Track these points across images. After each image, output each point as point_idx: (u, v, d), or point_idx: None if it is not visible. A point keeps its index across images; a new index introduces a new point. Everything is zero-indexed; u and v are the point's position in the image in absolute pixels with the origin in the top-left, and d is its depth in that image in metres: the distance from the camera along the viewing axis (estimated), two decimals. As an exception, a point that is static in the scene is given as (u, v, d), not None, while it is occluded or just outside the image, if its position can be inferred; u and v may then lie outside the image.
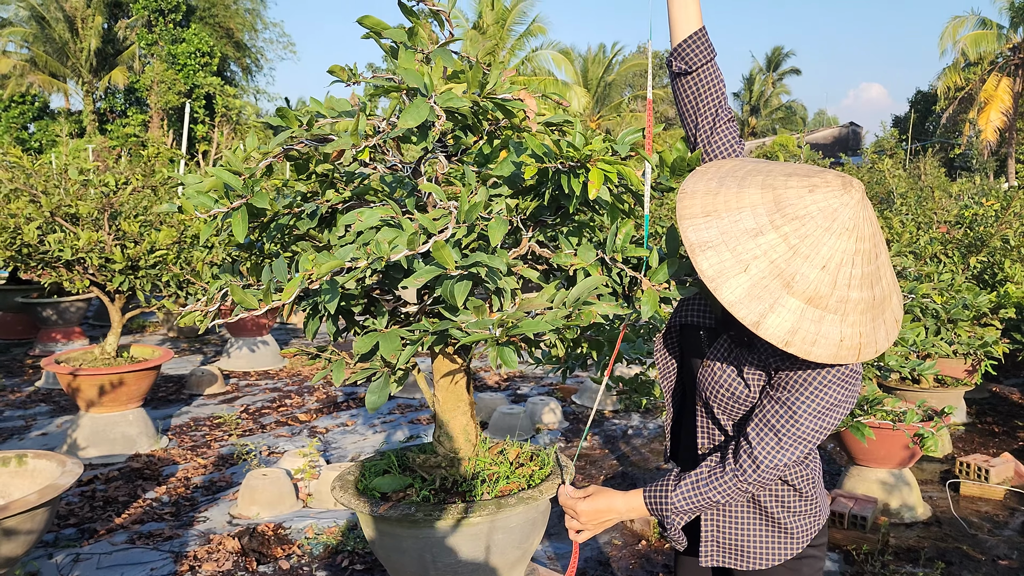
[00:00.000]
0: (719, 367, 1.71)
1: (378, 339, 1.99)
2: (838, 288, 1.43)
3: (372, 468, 2.34)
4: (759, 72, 52.75)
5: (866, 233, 1.46)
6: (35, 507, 3.43)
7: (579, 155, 1.86)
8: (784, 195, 1.46)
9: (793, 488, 1.75)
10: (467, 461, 2.23)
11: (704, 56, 1.83)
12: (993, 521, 4.62)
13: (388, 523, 2.06)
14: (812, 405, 1.57)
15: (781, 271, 1.43)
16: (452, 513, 2.02)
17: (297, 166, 2.29)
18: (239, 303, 1.82)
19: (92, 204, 5.30)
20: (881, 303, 1.50)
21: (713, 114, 1.86)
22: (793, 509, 1.77)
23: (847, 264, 1.44)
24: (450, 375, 2.23)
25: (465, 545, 2.04)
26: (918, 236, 6.57)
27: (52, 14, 31.90)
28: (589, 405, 6.90)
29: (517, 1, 30.86)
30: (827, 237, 1.43)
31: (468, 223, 1.78)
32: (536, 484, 2.18)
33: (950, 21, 32.25)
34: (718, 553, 1.82)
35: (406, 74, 1.81)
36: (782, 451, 1.59)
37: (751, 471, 1.61)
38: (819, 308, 1.42)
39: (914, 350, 3.46)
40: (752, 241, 1.44)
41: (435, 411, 2.27)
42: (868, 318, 1.46)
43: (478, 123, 2.03)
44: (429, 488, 2.17)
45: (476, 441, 2.27)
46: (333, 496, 2.17)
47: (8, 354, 8.98)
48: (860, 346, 1.46)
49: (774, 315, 1.42)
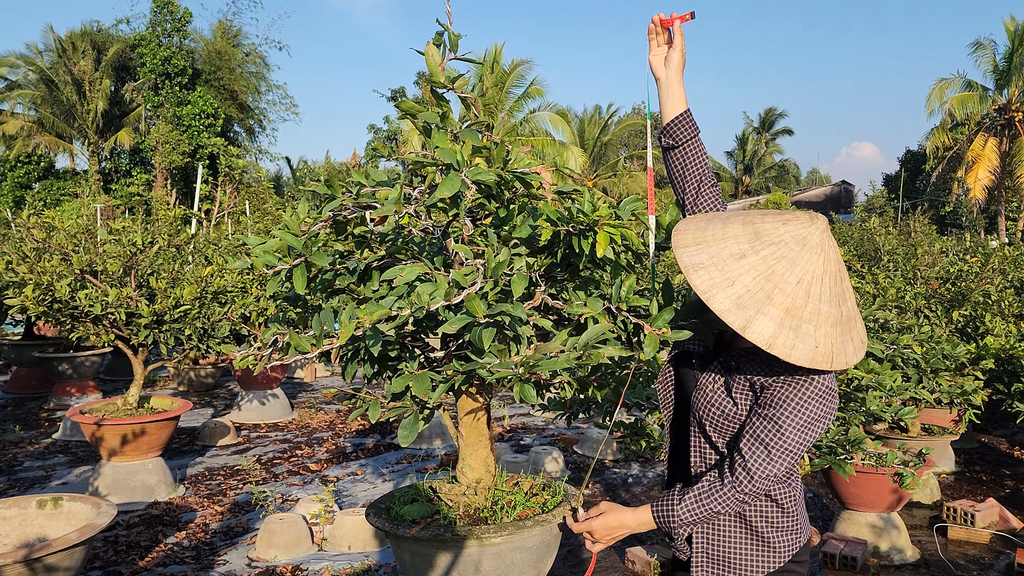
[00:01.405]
0: (711, 388, 2.00)
1: (410, 380, 2.28)
2: (811, 300, 1.74)
3: (401, 498, 2.60)
4: (752, 132, 53.82)
5: (832, 258, 1.79)
6: (75, 544, 3.66)
7: (588, 220, 2.17)
8: (762, 227, 1.80)
9: (776, 504, 2.00)
10: (488, 490, 2.50)
11: (689, 133, 2.24)
12: (979, 563, 4.83)
13: (420, 543, 2.32)
14: (796, 419, 1.84)
15: (762, 286, 1.74)
16: (477, 534, 2.28)
17: (336, 228, 2.61)
18: (294, 346, 2.11)
19: (118, 262, 5.62)
20: (848, 321, 1.80)
21: (698, 180, 2.23)
22: (776, 525, 2.01)
23: (817, 282, 1.75)
24: (473, 412, 2.51)
25: (488, 563, 2.29)
26: (904, 291, 6.89)
27: (61, 77, 32.73)
28: (590, 455, 7.12)
29: (515, 65, 31.75)
30: (801, 257, 1.75)
31: (494, 278, 2.08)
32: (550, 509, 2.45)
33: (937, 83, 33.15)
34: (708, 565, 2.05)
35: (441, 152, 2.14)
36: (771, 462, 1.85)
37: (746, 482, 1.87)
38: (796, 318, 1.72)
39: (892, 394, 3.74)
40: (736, 263, 1.76)
41: (459, 445, 2.54)
42: (838, 332, 1.77)
43: (501, 192, 2.35)
44: (454, 514, 2.43)
45: (495, 472, 2.54)
46: (370, 521, 2.43)
47: (24, 408, 9.21)
48: (832, 354, 1.75)
49: (758, 321, 1.71)
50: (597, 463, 6.94)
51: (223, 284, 5.86)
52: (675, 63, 2.22)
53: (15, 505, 4.20)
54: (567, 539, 5.10)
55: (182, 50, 32.09)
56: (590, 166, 34.49)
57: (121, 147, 33.76)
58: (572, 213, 2.19)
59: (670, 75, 2.23)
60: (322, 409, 9.26)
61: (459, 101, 2.54)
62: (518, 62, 31.96)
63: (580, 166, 30.95)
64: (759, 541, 2.01)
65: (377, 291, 2.41)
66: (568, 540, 5.08)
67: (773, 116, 53.66)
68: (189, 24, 32.38)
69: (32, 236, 5.74)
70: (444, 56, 2.38)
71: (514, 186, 2.37)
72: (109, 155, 34.28)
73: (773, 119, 53.70)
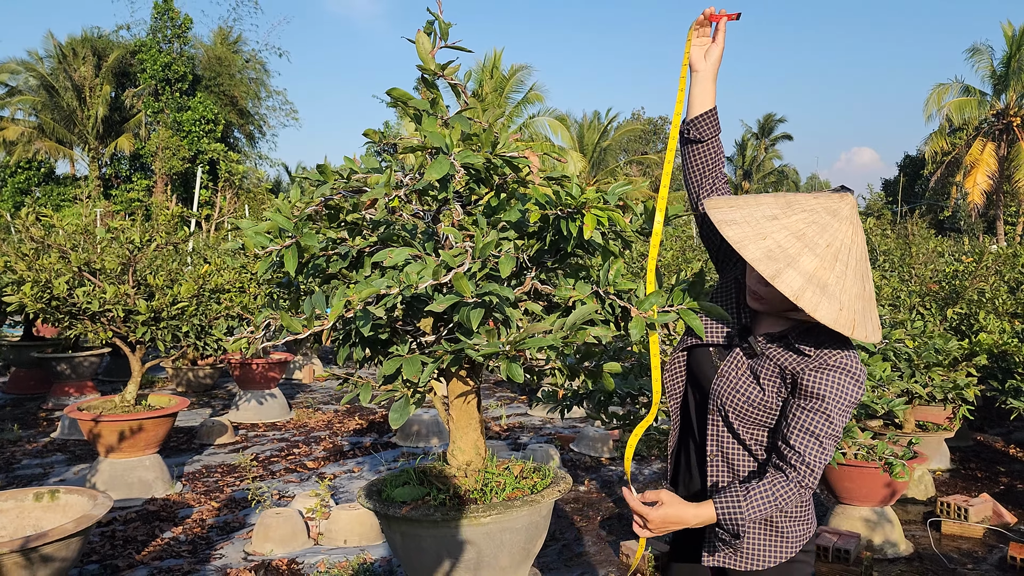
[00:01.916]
0: (735, 375, 2.01)
1: (401, 363, 2.31)
2: (838, 265, 1.80)
3: (393, 481, 2.63)
4: (751, 137, 53.93)
5: (860, 234, 1.86)
6: (71, 535, 3.69)
7: (576, 203, 2.20)
8: (794, 198, 1.89)
9: None
10: (478, 472, 2.53)
11: (714, 130, 2.25)
12: (972, 557, 4.85)
13: (410, 524, 2.35)
14: (839, 405, 1.86)
15: (793, 244, 1.81)
16: (466, 514, 2.31)
17: (329, 215, 2.64)
18: (286, 327, 2.14)
19: (117, 260, 5.65)
20: (869, 300, 1.86)
21: (713, 179, 2.26)
22: (789, 514, 2.02)
23: (845, 251, 1.82)
24: (463, 395, 2.54)
25: (477, 543, 2.32)
26: (900, 290, 6.92)
27: (61, 83, 32.83)
28: (587, 452, 7.15)
29: (515, 70, 31.87)
30: (831, 225, 1.83)
31: (482, 259, 2.11)
32: (539, 491, 2.47)
33: (935, 88, 33.25)
34: (724, 554, 2.04)
35: (431, 136, 2.17)
36: (824, 450, 1.87)
37: (808, 475, 1.87)
38: (823, 278, 1.78)
39: (881, 385, 3.76)
40: (769, 223, 1.84)
41: (449, 428, 2.57)
42: (860, 305, 1.82)
43: (489, 177, 2.39)
44: (445, 495, 2.46)
45: (485, 454, 2.57)
46: (360, 503, 2.45)
47: (23, 408, 9.23)
48: (854, 322, 1.79)
49: (787, 274, 1.78)
50: (593, 461, 6.96)
51: (220, 282, 5.89)
52: (714, 58, 2.24)
53: (12, 498, 4.23)
54: (563, 534, 5.12)
55: (182, 56, 32.19)
56: (590, 171, 34.56)
57: (121, 153, 33.84)
58: (560, 197, 2.23)
59: (707, 69, 2.24)
60: (320, 409, 9.28)
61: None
62: (517, 67, 32.09)
63: (579, 170, 31.01)
64: (771, 530, 2.02)
65: (370, 276, 2.44)
66: (564, 535, 5.11)
67: (772, 122, 53.79)
68: (189, 30, 32.48)
69: (30, 235, 5.78)
70: (435, 44, 2.42)
71: (504, 172, 2.40)
72: (109, 161, 34.38)
73: (772, 125, 53.83)
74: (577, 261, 2.70)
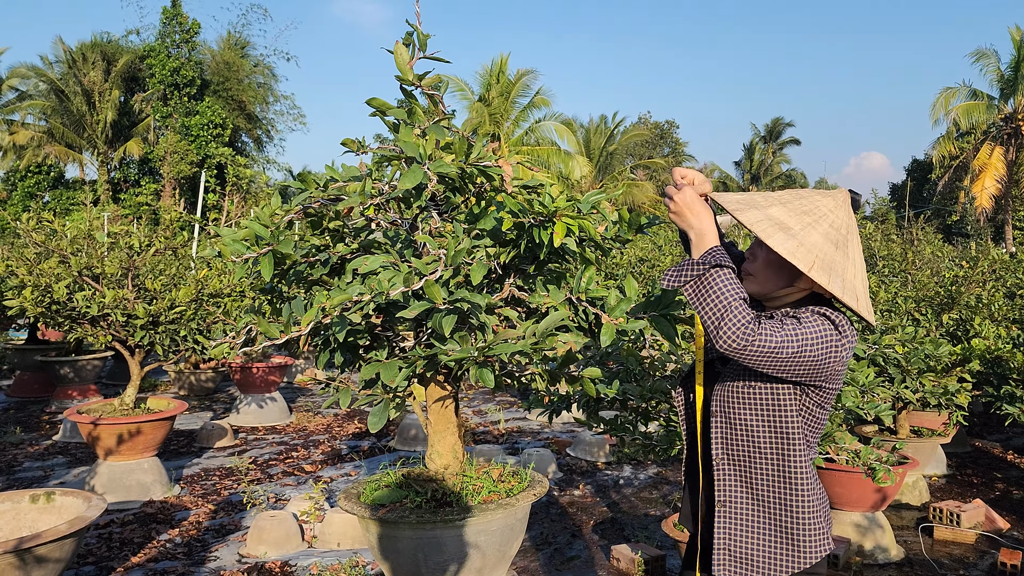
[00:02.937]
0: (737, 370, 2.02)
1: (379, 368, 2.36)
2: (807, 218, 1.95)
3: (372, 484, 2.67)
4: (759, 142, 53.89)
5: (843, 212, 1.98)
6: (65, 536, 3.74)
7: (547, 211, 2.24)
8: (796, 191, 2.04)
9: (804, 499, 1.95)
10: (455, 476, 2.57)
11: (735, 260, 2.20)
12: (963, 563, 4.87)
13: (387, 525, 2.39)
14: (811, 327, 1.86)
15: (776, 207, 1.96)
16: (441, 517, 2.35)
17: (312, 223, 2.69)
18: (263, 332, 2.19)
19: (116, 264, 5.72)
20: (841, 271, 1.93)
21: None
22: (804, 522, 1.95)
23: (819, 213, 1.96)
24: (441, 400, 2.58)
25: (452, 545, 2.36)
26: (899, 295, 6.93)
27: (71, 88, 33.08)
28: (583, 457, 7.18)
29: (521, 75, 31.94)
30: (811, 195, 2.00)
31: (454, 266, 2.16)
32: (515, 494, 2.51)
33: (942, 92, 33.13)
34: (730, 563, 2.00)
35: (405, 145, 2.22)
36: (779, 333, 1.82)
37: (759, 326, 1.81)
38: (787, 223, 1.93)
39: (864, 391, 3.79)
40: (766, 198, 1.98)
41: (428, 432, 2.61)
42: (829, 257, 1.91)
43: (464, 186, 2.43)
44: (422, 498, 2.50)
45: (463, 458, 2.61)
46: (340, 506, 2.50)
47: (25, 411, 9.32)
48: (814, 263, 1.90)
49: (752, 214, 1.93)
50: (589, 465, 6.99)
51: (219, 287, 5.95)
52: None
53: (8, 499, 4.29)
54: (555, 537, 5.15)
55: (191, 61, 32.39)
56: (596, 175, 34.59)
57: (130, 157, 34.05)
58: (533, 205, 2.27)
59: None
60: (320, 413, 9.34)
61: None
62: (523, 72, 32.16)
63: (585, 175, 31.06)
64: (785, 538, 1.96)
65: (351, 283, 2.49)
66: (556, 539, 5.14)
67: (780, 126, 53.72)
68: (198, 35, 32.68)
69: (33, 240, 5.85)
70: (413, 55, 2.46)
71: (479, 180, 2.45)
72: (118, 165, 34.58)
73: (780, 129, 53.76)
74: (556, 268, 2.74)
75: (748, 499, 2.00)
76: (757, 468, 1.99)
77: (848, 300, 1.90)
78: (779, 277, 2.01)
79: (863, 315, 1.95)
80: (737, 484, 2.02)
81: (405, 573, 2.43)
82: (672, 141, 50.43)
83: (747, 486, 2.01)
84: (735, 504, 2.02)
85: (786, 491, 1.95)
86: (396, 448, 7.55)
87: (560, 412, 4.18)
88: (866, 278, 2.02)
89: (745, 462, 2.00)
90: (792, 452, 1.95)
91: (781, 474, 1.96)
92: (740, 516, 2.00)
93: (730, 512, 2.02)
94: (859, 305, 1.93)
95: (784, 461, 1.96)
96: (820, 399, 1.97)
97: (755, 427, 1.98)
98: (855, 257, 1.97)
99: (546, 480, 2.56)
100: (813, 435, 2.01)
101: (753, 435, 1.98)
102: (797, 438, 1.95)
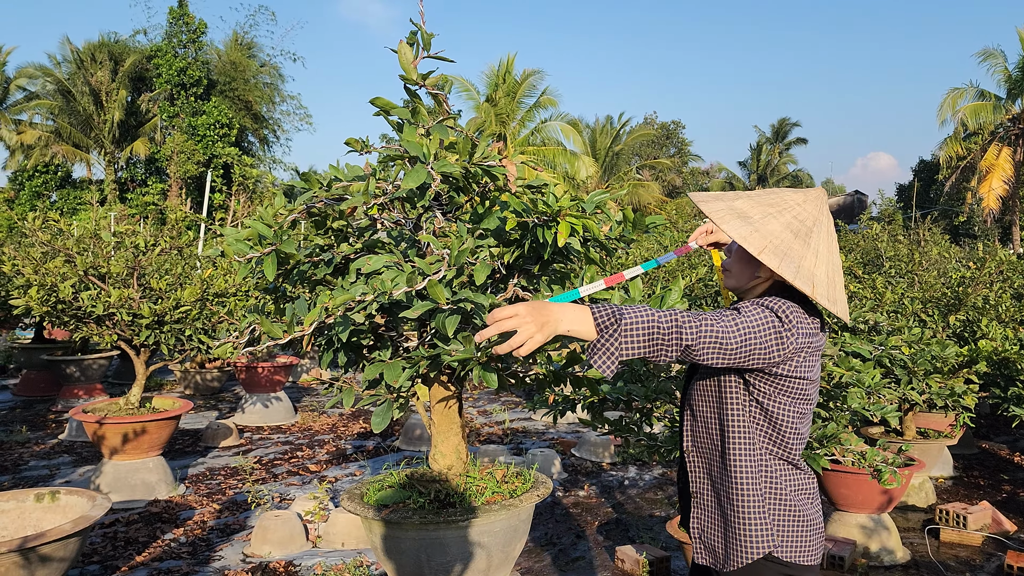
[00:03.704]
0: (706, 371, 2.08)
1: (383, 368, 2.35)
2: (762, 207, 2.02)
3: (376, 485, 2.67)
4: (766, 142, 53.75)
5: (812, 206, 2.04)
6: (69, 535, 3.74)
7: (551, 211, 2.23)
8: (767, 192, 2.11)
9: (741, 496, 1.99)
10: (459, 476, 2.56)
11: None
12: (970, 565, 4.84)
13: (390, 526, 2.38)
14: (751, 313, 1.89)
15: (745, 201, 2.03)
16: (444, 518, 2.34)
17: (316, 223, 2.68)
18: (267, 332, 2.18)
19: (122, 264, 5.73)
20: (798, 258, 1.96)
21: None
22: (739, 520, 1.98)
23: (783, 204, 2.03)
24: (444, 401, 2.57)
25: (455, 546, 2.35)
26: (905, 296, 6.89)
27: (78, 88, 33.17)
28: (588, 457, 7.16)
29: (527, 75, 31.92)
30: (781, 191, 2.08)
31: (458, 266, 2.15)
32: (518, 495, 2.50)
33: (949, 92, 33.00)
34: (704, 552, 2.09)
35: (408, 145, 2.21)
36: (717, 323, 1.82)
37: (695, 321, 1.80)
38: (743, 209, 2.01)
39: (870, 392, 3.77)
40: (737, 194, 2.05)
41: (431, 432, 2.61)
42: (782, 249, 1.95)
43: (468, 185, 2.42)
44: (425, 499, 2.49)
45: (466, 459, 2.60)
46: (343, 506, 2.49)
47: (32, 409, 9.34)
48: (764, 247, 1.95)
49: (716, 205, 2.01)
50: (594, 466, 6.98)
51: (224, 286, 5.95)
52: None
53: (13, 498, 4.30)
54: (560, 538, 5.14)
55: (197, 61, 32.44)
56: (601, 176, 34.56)
57: (137, 157, 34.13)
58: (537, 205, 2.26)
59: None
60: (325, 412, 9.34)
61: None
62: (529, 72, 32.14)
63: (591, 175, 31.03)
64: (730, 532, 2.01)
65: (355, 283, 2.48)
66: (561, 539, 5.13)
67: (787, 126, 53.58)
68: (204, 35, 32.74)
69: (39, 239, 5.86)
70: (417, 55, 2.46)
71: (483, 180, 2.44)
72: (125, 165, 34.67)
73: (787, 129, 53.62)
74: (561, 268, 2.73)
75: (710, 490, 2.09)
76: (712, 459, 2.08)
77: (802, 286, 1.92)
78: (747, 268, 2.09)
79: (822, 303, 1.96)
80: (704, 476, 2.11)
81: (408, 574, 2.42)
82: (678, 141, 50.34)
83: (708, 477, 2.10)
84: (703, 495, 2.11)
85: (728, 482, 2.02)
86: (401, 448, 7.55)
87: (565, 413, 4.18)
88: (836, 271, 2.03)
89: (706, 454, 2.10)
90: (732, 447, 2.00)
91: (723, 465, 2.03)
92: (707, 506, 2.09)
93: (700, 503, 2.11)
94: (815, 292, 1.94)
95: (725, 452, 2.02)
96: (774, 393, 1.96)
97: (709, 420, 2.07)
98: (820, 248, 2.00)
99: (550, 481, 2.55)
100: (773, 430, 2.00)
101: (708, 428, 2.08)
102: (737, 433, 2.00)
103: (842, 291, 2.02)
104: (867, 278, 7.67)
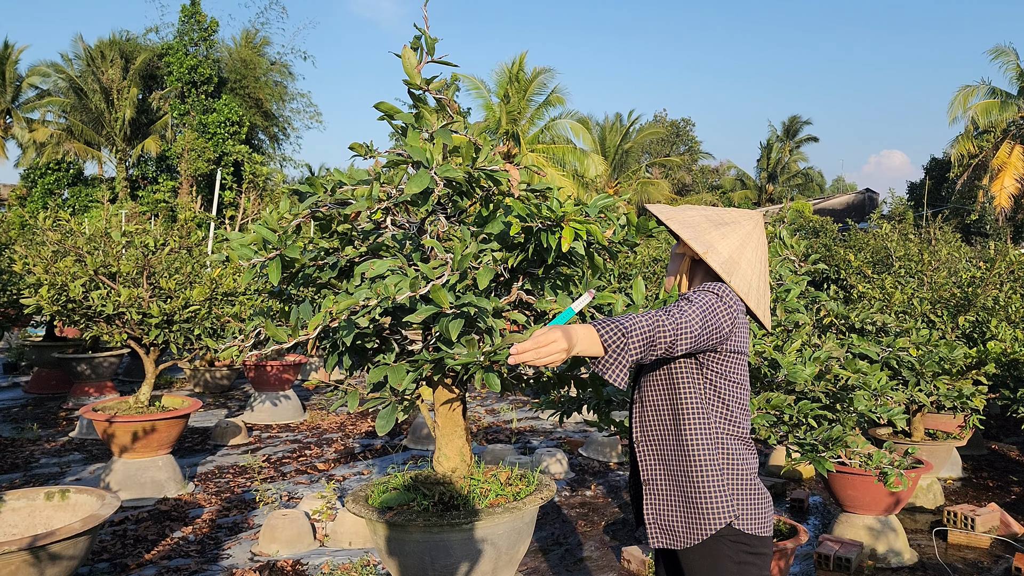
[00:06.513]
0: (655, 364, 2.21)
1: (387, 371, 2.36)
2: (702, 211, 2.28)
3: (381, 486, 2.68)
4: (776, 140, 53.55)
5: (737, 216, 2.28)
6: (79, 534, 3.78)
7: (555, 216, 2.24)
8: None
9: (700, 467, 2.13)
10: (463, 479, 2.57)
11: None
12: (978, 567, 4.83)
13: (394, 529, 2.40)
14: (700, 299, 2.10)
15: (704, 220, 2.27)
16: (447, 520, 2.36)
17: (321, 226, 2.70)
18: (271, 336, 2.20)
19: (132, 263, 5.77)
20: (703, 232, 2.23)
21: None
22: (702, 489, 2.12)
23: (714, 210, 2.30)
24: (448, 403, 2.58)
25: (458, 548, 2.37)
26: (915, 296, 6.87)
27: (90, 85, 33.34)
28: (595, 457, 7.17)
29: (537, 73, 31.88)
30: (733, 210, 2.31)
31: (461, 270, 2.16)
32: (522, 498, 2.51)
33: (960, 90, 32.79)
34: (660, 535, 2.20)
35: (412, 150, 2.22)
36: (688, 310, 2.03)
37: (676, 311, 2.01)
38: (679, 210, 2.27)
39: (876, 395, 3.76)
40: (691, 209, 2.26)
41: (435, 435, 2.62)
42: (691, 225, 2.23)
43: (472, 190, 2.43)
44: (429, 501, 2.51)
45: (471, 461, 2.62)
46: (347, 508, 2.51)
47: (43, 407, 9.41)
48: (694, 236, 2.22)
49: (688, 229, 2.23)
50: (601, 465, 6.99)
51: (233, 286, 5.98)
52: None
53: (24, 497, 4.34)
54: (566, 538, 5.15)
55: (208, 59, 32.55)
56: (611, 174, 34.50)
57: (148, 154, 34.27)
58: (540, 209, 2.27)
59: None
60: (333, 411, 9.38)
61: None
62: (540, 70, 32.09)
63: (601, 173, 30.99)
64: (692, 507, 2.14)
65: (359, 287, 2.50)
66: (568, 539, 5.14)
67: (798, 124, 53.37)
68: (215, 34, 32.84)
69: (49, 238, 5.91)
70: (421, 59, 2.47)
71: (487, 184, 2.45)
72: (136, 162, 34.82)
73: (798, 127, 53.40)
74: (565, 272, 2.74)
75: (664, 474, 2.21)
76: (664, 444, 2.20)
77: (697, 247, 2.16)
78: (675, 260, 2.31)
79: (716, 268, 2.17)
80: (655, 462, 2.23)
81: (412, 575, 2.44)
82: (688, 139, 50.22)
83: (661, 462, 2.21)
84: (655, 481, 2.23)
85: (684, 461, 2.15)
86: (409, 447, 7.57)
87: (571, 413, 4.19)
88: (761, 279, 2.27)
89: (656, 442, 2.22)
90: (686, 423, 2.15)
91: (679, 445, 2.16)
92: (660, 491, 2.21)
93: (652, 489, 2.23)
94: (708, 256, 2.16)
95: (679, 433, 2.16)
96: (722, 369, 2.16)
97: (659, 406, 2.20)
98: (735, 242, 2.22)
99: (553, 484, 2.56)
100: (723, 407, 2.18)
101: (660, 416, 2.20)
102: (693, 416, 2.15)
103: (766, 293, 2.27)
104: (876, 278, 7.64)
